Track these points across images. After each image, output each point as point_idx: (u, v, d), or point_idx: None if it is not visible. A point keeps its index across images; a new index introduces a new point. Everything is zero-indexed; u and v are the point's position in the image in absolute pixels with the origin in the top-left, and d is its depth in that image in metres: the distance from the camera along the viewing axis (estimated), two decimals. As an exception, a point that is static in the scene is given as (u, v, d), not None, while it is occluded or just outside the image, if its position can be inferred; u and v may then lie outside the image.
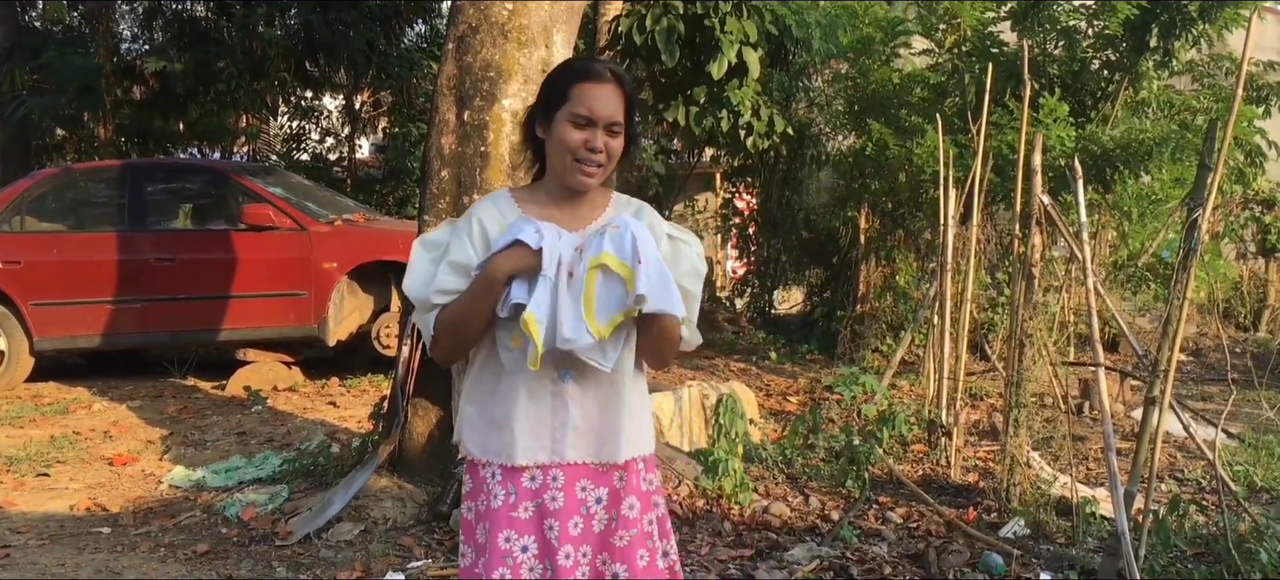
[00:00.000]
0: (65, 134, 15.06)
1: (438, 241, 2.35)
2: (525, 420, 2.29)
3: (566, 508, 2.30)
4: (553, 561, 2.29)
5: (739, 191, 13.75)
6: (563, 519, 2.30)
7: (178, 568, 4.63)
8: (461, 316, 2.27)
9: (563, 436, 2.30)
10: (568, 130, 2.28)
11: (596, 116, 2.27)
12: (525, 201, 2.38)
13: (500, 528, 2.30)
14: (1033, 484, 5.34)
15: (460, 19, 5.38)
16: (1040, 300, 5.32)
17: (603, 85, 2.29)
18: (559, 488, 2.31)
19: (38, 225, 9.12)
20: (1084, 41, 10.07)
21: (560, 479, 2.31)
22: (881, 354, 9.61)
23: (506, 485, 2.31)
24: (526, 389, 2.28)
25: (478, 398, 2.37)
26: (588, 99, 2.27)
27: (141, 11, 15.64)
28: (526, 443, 2.29)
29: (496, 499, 2.31)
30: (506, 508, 2.30)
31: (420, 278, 2.33)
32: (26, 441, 6.91)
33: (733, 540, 4.86)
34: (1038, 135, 5.25)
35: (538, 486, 2.31)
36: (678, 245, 2.40)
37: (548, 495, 2.31)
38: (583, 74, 2.32)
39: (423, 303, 2.32)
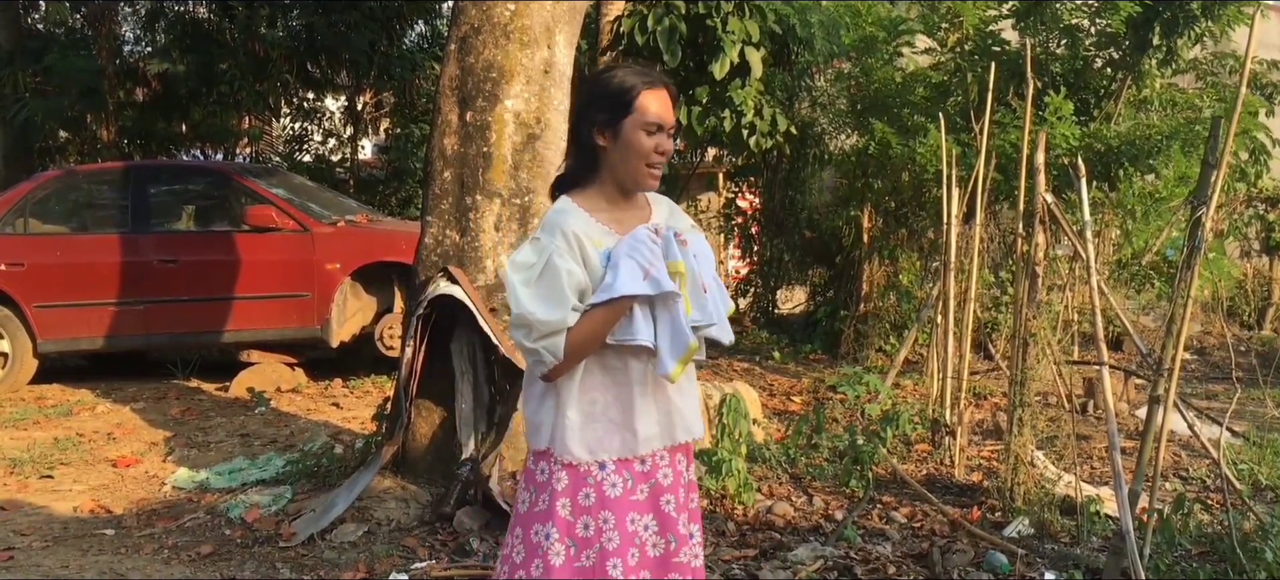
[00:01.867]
0: (68, 136, 15.07)
1: (527, 262, 2.41)
2: (646, 416, 2.48)
3: (674, 482, 2.54)
4: (675, 532, 2.51)
5: (742, 191, 13.75)
6: (674, 492, 2.53)
7: (181, 569, 4.63)
8: (591, 339, 2.39)
9: (671, 422, 2.52)
10: (640, 137, 2.45)
11: (665, 123, 2.47)
12: (592, 208, 2.50)
13: (625, 512, 2.46)
14: (1037, 483, 5.33)
15: (463, 20, 5.38)
16: (1044, 299, 5.31)
17: (665, 92, 2.50)
18: (667, 466, 2.53)
19: (41, 227, 9.13)
20: (1086, 40, 10.06)
21: (666, 457, 2.53)
22: (885, 353, 9.61)
23: (622, 474, 2.48)
24: (642, 388, 2.47)
25: (587, 404, 2.47)
26: (658, 107, 2.46)
27: (144, 13, 15.66)
28: (648, 433, 2.48)
29: (615, 488, 2.47)
30: (627, 493, 2.47)
31: (553, 298, 2.36)
32: (30, 443, 6.91)
33: (736, 540, 4.85)
34: (1041, 133, 5.23)
35: (648, 469, 2.51)
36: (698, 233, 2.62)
37: (660, 473, 2.52)
38: (649, 83, 2.48)
39: (557, 324, 2.35)
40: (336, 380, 8.81)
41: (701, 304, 2.46)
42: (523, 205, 5.34)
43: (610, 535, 2.44)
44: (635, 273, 2.35)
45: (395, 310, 8.80)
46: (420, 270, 5.46)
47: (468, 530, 4.84)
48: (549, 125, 5.38)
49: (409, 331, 5.26)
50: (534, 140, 5.34)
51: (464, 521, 4.87)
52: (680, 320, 2.41)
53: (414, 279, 5.54)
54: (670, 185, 13.58)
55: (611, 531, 2.44)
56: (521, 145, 5.33)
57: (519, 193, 5.32)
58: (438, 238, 5.39)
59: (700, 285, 2.46)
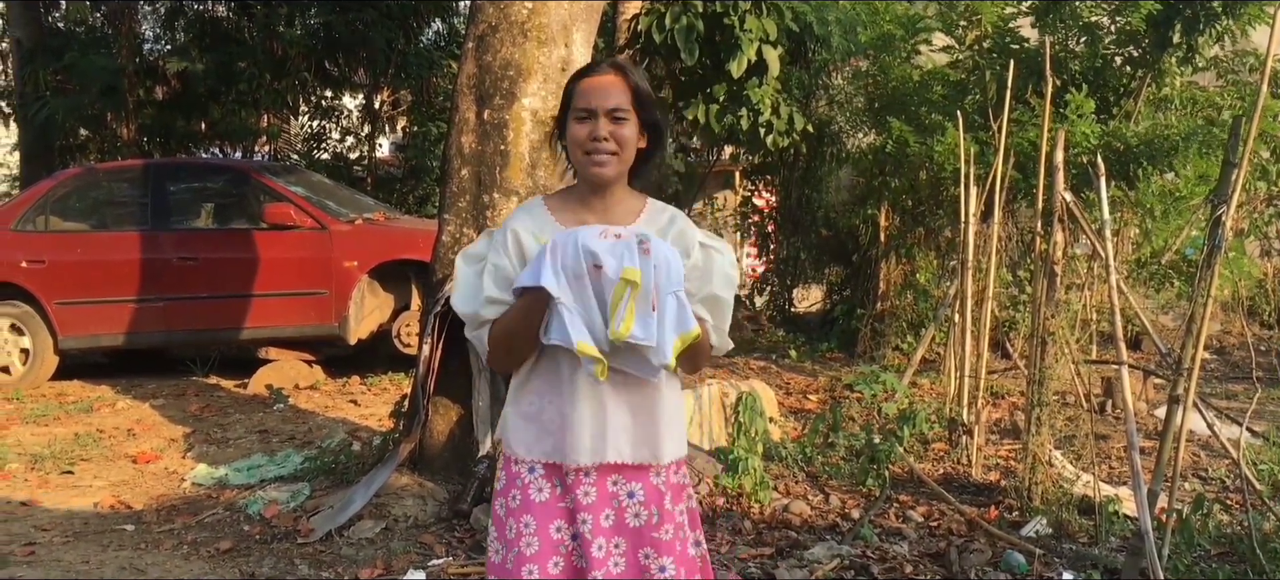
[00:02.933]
0: (88, 134, 15.13)
1: (478, 254, 2.42)
2: (577, 424, 2.34)
3: (598, 501, 2.36)
4: (587, 553, 2.35)
5: (758, 189, 13.73)
6: (595, 513, 2.35)
7: (201, 565, 4.66)
8: (510, 335, 2.34)
9: (605, 438, 2.34)
10: (573, 127, 2.38)
11: (594, 106, 2.34)
12: (558, 209, 2.44)
13: (550, 518, 2.36)
14: (1055, 483, 5.31)
15: (480, 18, 5.39)
16: (1062, 298, 5.29)
17: (599, 77, 2.38)
18: (592, 483, 2.36)
19: (61, 225, 9.19)
20: (1106, 37, 10.00)
21: (593, 475, 2.36)
22: (902, 352, 9.58)
23: (551, 479, 2.38)
24: (575, 393, 2.34)
25: (526, 401, 2.42)
26: (586, 93, 2.36)
27: (163, 12, 15.72)
28: (577, 444, 2.34)
29: (543, 493, 2.37)
30: (554, 500, 2.37)
31: (467, 293, 2.40)
32: (51, 439, 6.96)
33: (753, 538, 4.85)
34: (1060, 132, 5.21)
35: (572, 483, 2.36)
36: (710, 254, 2.44)
37: (581, 490, 2.35)
38: (581, 73, 2.43)
39: (473, 318, 2.38)
40: (354, 377, 8.84)
41: (644, 319, 2.23)
42: (540, 203, 5.35)
43: (530, 540, 2.36)
44: (541, 267, 2.24)
45: (412, 308, 8.83)
46: (437, 268, 5.48)
47: (484, 527, 4.86)
48: (566, 123, 5.39)
49: (426, 329, 5.28)
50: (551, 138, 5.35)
51: (481, 518, 4.89)
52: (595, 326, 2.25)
53: (431, 277, 5.56)
54: (688, 184, 13.60)
55: (531, 536, 2.36)
56: (539, 143, 5.34)
57: (536, 190, 5.33)
58: (455, 235, 5.41)
59: (650, 300, 2.23)
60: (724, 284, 2.44)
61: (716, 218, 15.64)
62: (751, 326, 12.32)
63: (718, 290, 2.42)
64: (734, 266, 2.49)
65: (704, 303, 2.40)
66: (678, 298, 2.28)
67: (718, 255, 2.45)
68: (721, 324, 2.46)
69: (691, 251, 2.41)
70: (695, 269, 2.39)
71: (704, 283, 2.41)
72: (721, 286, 2.43)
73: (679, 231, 2.44)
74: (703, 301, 2.40)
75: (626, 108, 2.36)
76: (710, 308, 2.42)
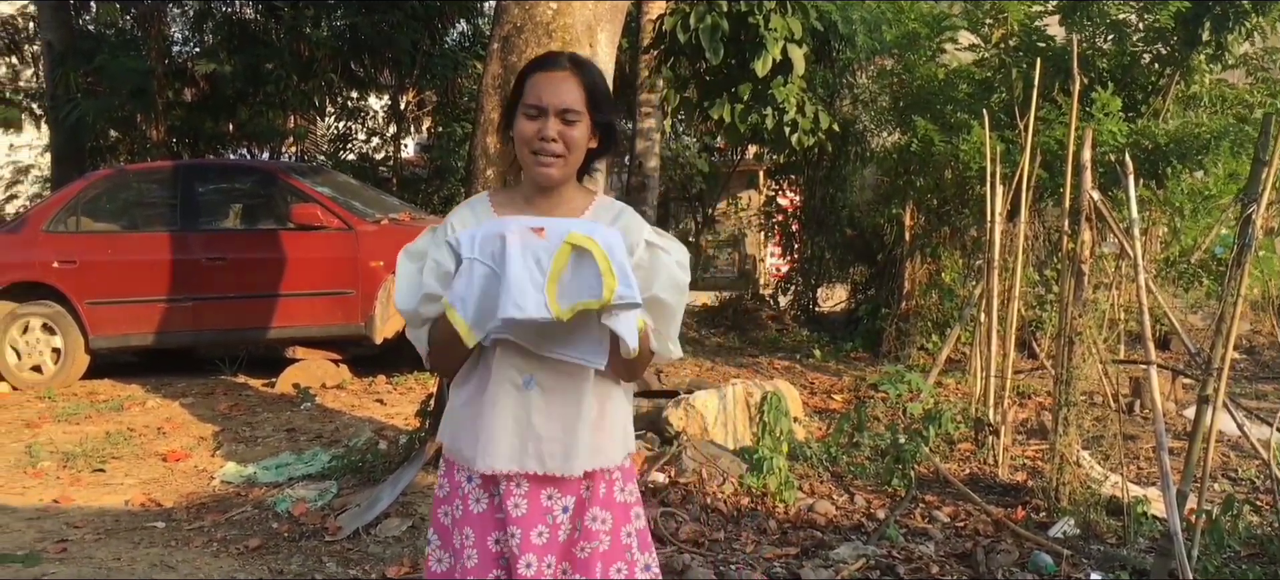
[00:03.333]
0: (118, 135, 15.28)
1: (420, 251, 2.31)
2: (492, 427, 2.23)
3: (529, 515, 2.25)
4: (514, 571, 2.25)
5: (782, 189, 13.73)
6: (525, 527, 2.25)
7: (230, 562, 4.70)
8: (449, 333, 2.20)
9: (525, 446, 2.23)
10: (521, 123, 2.26)
11: (546, 105, 2.23)
12: (501, 204, 2.34)
13: (488, 530, 2.29)
14: (1083, 483, 5.28)
15: (505, 19, 5.42)
16: (1090, 297, 5.26)
17: (553, 73, 2.27)
18: (522, 495, 2.26)
19: (92, 225, 9.27)
20: (1134, 35, 9.94)
21: (524, 485, 2.25)
22: (927, 352, 9.55)
23: (488, 489, 2.29)
24: (495, 395, 2.23)
25: (457, 400, 2.33)
26: (537, 89, 2.25)
27: (192, 14, 15.86)
28: (491, 449, 2.23)
29: (480, 504, 2.30)
30: (490, 511, 2.29)
31: (406, 290, 2.29)
32: (83, 437, 7.03)
33: (778, 538, 4.85)
34: (1087, 130, 5.19)
35: (503, 492, 2.27)
36: (656, 253, 2.29)
37: (511, 502, 2.26)
38: (534, 66, 2.31)
39: (413, 317, 2.29)
40: (380, 376, 8.89)
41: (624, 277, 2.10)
42: (565, 203, 5.36)
43: (469, 552, 2.29)
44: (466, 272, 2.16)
45: (438, 307, 8.85)
46: (464, 268, 5.50)
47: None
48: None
49: (452, 329, 5.30)
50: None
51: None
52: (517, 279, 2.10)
53: (457, 277, 5.57)
54: (712, 183, 13.60)
55: (470, 549, 2.29)
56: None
57: (561, 191, 5.34)
58: (481, 236, 5.42)
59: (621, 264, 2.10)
60: (669, 287, 2.28)
61: (740, 217, 15.65)
62: (775, 326, 12.32)
63: (661, 294, 2.27)
64: (684, 267, 2.33)
65: (646, 306, 2.23)
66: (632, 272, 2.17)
67: (665, 255, 2.29)
68: (665, 330, 2.31)
69: (636, 249, 2.26)
70: (639, 269, 2.22)
71: (647, 284, 2.23)
72: (666, 290, 2.28)
73: (625, 225, 2.28)
74: (645, 305, 2.22)
75: (579, 109, 2.25)
76: (652, 312, 2.27)
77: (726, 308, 13.14)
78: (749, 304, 13.34)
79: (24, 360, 8.87)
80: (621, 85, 10.28)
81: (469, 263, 2.16)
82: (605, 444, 2.30)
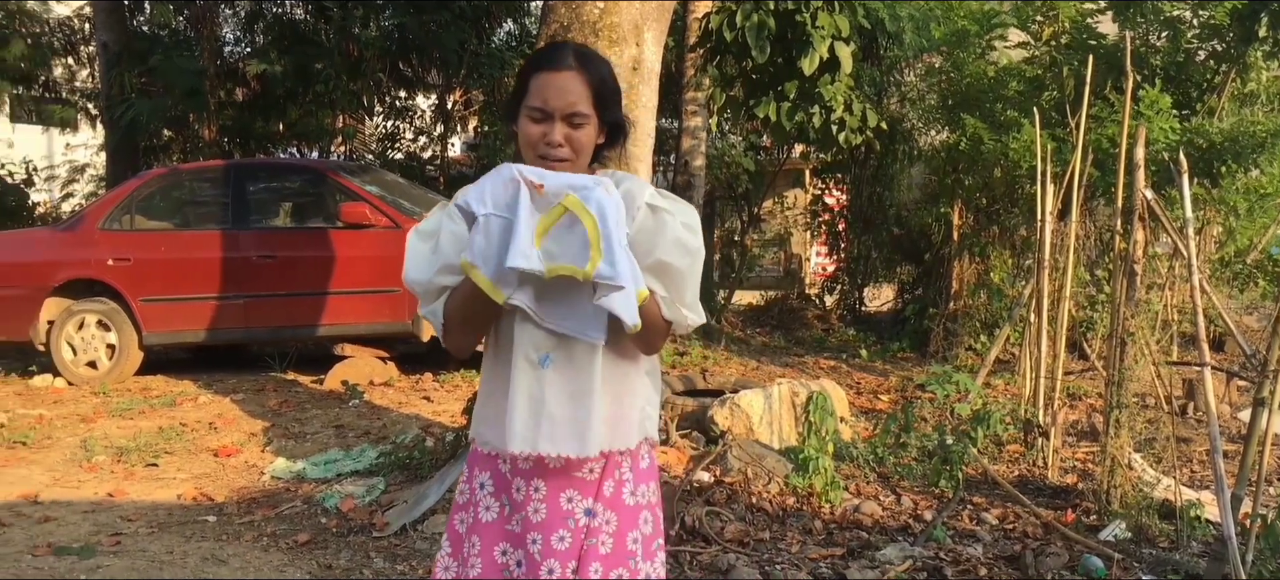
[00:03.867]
0: (172, 135, 15.51)
1: (431, 230, 2.22)
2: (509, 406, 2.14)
3: (549, 520, 2.18)
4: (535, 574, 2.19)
5: (829, 188, 13.67)
6: (546, 532, 2.18)
7: (279, 556, 4.76)
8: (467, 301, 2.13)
9: (538, 425, 2.12)
10: (526, 125, 2.17)
11: (551, 108, 2.14)
12: None
13: (495, 540, 2.24)
14: (1134, 486, 5.21)
15: (552, 18, 5.43)
16: (1143, 298, 5.18)
17: (559, 74, 2.15)
18: (541, 499, 2.19)
19: (146, 223, 9.42)
20: (1188, 32, 9.78)
21: (542, 489, 2.19)
22: (975, 352, 9.47)
23: (500, 497, 2.24)
24: (514, 373, 2.13)
25: (483, 386, 2.29)
26: (542, 90, 2.15)
27: (244, 15, 16.07)
28: (515, 429, 2.13)
29: (490, 512, 2.25)
30: (501, 520, 2.24)
31: (419, 262, 2.20)
32: (136, 432, 7.15)
33: (823, 539, 4.83)
34: (1140, 128, 5.11)
35: (522, 498, 2.21)
36: (660, 215, 2.16)
37: (531, 507, 2.19)
38: (538, 63, 2.19)
39: (427, 287, 2.18)
40: (427, 374, 8.96)
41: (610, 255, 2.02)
42: (611, 202, 5.37)
43: (474, 562, 2.23)
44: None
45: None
46: (510, 266, 5.52)
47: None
48: (637, 123, 5.40)
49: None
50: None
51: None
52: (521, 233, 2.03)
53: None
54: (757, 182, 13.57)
55: (475, 558, 2.23)
56: (609, 142, 5.36)
57: (607, 190, 5.35)
58: (527, 234, 5.44)
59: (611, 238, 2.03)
60: (675, 249, 2.14)
61: (787, 216, 15.59)
62: (821, 325, 12.26)
63: (666, 257, 2.13)
64: (692, 229, 2.18)
65: (651, 271, 2.12)
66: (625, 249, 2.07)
67: (669, 216, 2.16)
68: (677, 295, 2.16)
69: (638, 212, 2.14)
70: (641, 233, 2.12)
71: (651, 248, 2.12)
72: (671, 252, 2.14)
73: (627, 190, 2.16)
74: (650, 269, 2.12)
75: (586, 111, 2.15)
76: (659, 276, 2.14)
77: (772, 307, 13.11)
78: (795, 303, 13.30)
79: (80, 356, 9.03)
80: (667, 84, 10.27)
81: (484, 218, 2.08)
82: (619, 425, 2.20)
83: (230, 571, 4.56)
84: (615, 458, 2.23)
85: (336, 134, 16.66)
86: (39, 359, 9.31)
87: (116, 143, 14.32)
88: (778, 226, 15.79)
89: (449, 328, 2.19)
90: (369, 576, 4.53)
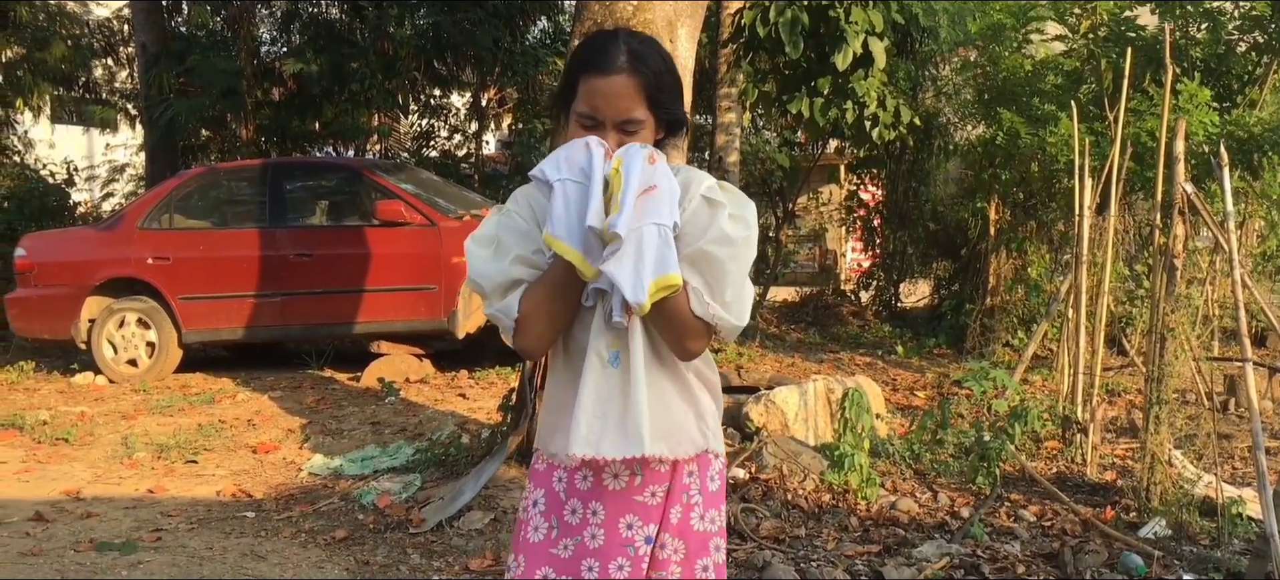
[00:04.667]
0: (210, 134, 15.65)
1: (489, 236, 2.11)
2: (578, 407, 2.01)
3: (607, 546, 2.07)
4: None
5: (864, 183, 13.61)
6: (604, 558, 2.06)
7: (317, 552, 4.80)
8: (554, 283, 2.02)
9: (605, 425, 2.00)
10: (576, 129, 2.06)
11: (602, 117, 2.03)
12: None
13: (538, 563, 2.12)
14: (1175, 483, 5.15)
15: (586, 15, 5.44)
16: (1183, 292, 5.12)
17: (611, 78, 2.02)
18: (599, 524, 2.08)
19: (185, 222, 9.52)
20: (1228, 23, 9.66)
21: (600, 513, 2.08)
22: (1012, 348, 9.39)
23: (549, 518, 2.13)
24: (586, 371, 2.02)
25: (551, 398, 2.17)
26: (592, 96, 2.03)
27: (280, 15, 16.20)
28: (579, 430, 2.00)
29: (538, 532, 2.13)
30: (547, 543, 2.12)
31: (487, 260, 2.08)
32: (176, 429, 7.24)
33: (859, 536, 4.81)
34: (1180, 121, 5.06)
35: (578, 522, 2.09)
36: (714, 207, 2.03)
37: (587, 532, 2.08)
38: (589, 65, 2.05)
39: (500, 279, 2.05)
40: (463, 371, 8.99)
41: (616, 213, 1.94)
42: (645, 199, 5.36)
43: None
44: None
45: (519, 303, 8.91)
46: (544, 263, 5.53)
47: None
48: (671, 119, 5.40)
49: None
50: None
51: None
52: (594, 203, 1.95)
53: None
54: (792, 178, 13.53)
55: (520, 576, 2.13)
56: (644, 139, 5.36)
57: (641, 186, 5.35)
58: (561, 231, 5.46)
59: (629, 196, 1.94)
60: (719, 241, 2.00)
61: (821, 212, 15.54)
62: (857, 322, 12.21)
63: (709, 247, 2.00)
64: (745, 224, 2.04)
65: (689, 260, 2.00)
66: (660, 230, 1.96)
67: (722, 208, 2.03)
68: (714, 289, 2.01)
69: (692, 201, 2.03)
70: (690, 221, 2.01)
71: (695, 236, 2.01)
72: (716, 243, 2.00)
73: (685, 178, 2.07)
74: (688, 259, 2.00)
75: (640, 116, 2.03)
76: (697, 265, 2.00)
77: (807, 303, 13.06)
78: (830, 299, 13.25)
79: (120, 354, 9.14)
80: (701, 80, 10.26)
81: (560, 184, 1.98)
82: (673, 430, 2.07)
83: (269, 567, 4.61)
84: (682, 481, 2.12)
85: (372, 132, 16.76)
86: (80, 357, 9.44)
87: (155, 142, 14.48)
88: (812, 222, 15.74)
89: (526, 322, 2.04)
90: (405, 573, 4.56)
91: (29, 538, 4.99)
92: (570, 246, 1.95)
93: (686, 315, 2.01)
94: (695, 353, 2.09)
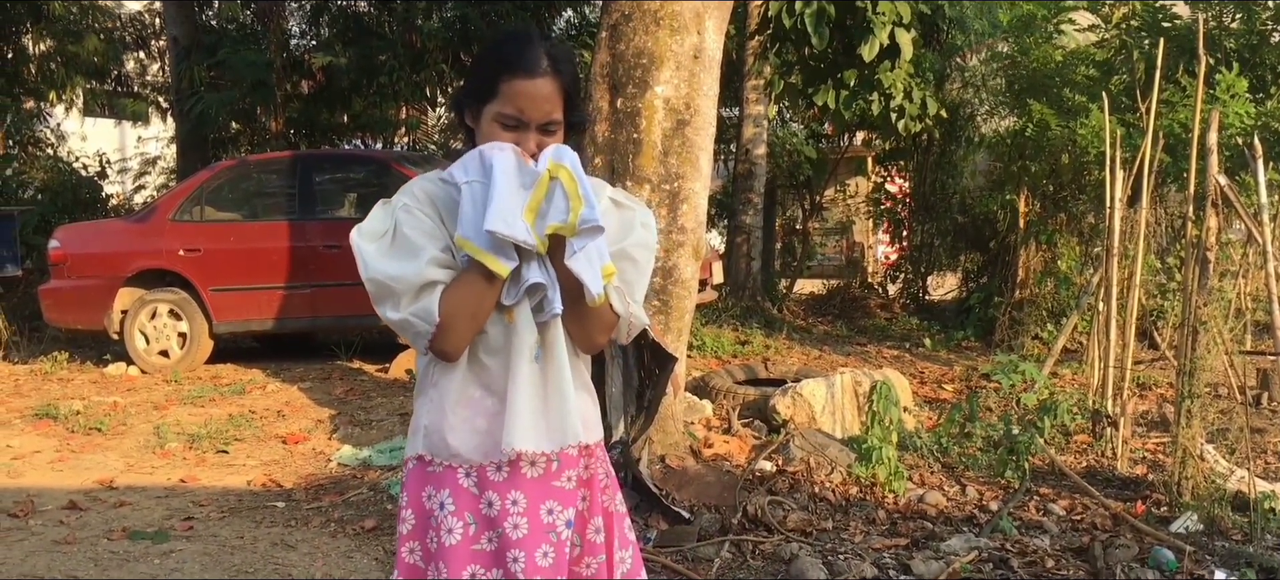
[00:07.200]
0: (240, 127, 15.78)
1: (378, 230, 2.10)
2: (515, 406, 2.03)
3: (531, 536, 2.06)
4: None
5: (891, 175, 13.55)
6: (529, 549, 2.05)
7: (346, 542, 4.84)
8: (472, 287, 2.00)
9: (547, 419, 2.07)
10: (494, 129, 2.05)
11: (528, 118, 2.04)
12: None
13: (463, 563, 2.06)
14: (1207, 477, 5.10)
15: (614, 7, 5.44)
16: (1215, 285, 5.07)
17: (536, 81, 2.03)
18: (521, 513, 2.06)
19: (216, 214, 9.59)
20: (1264, 12, 9.55)
21: (521, 502, 2.07)
22: (1041, 341, 9.34)
23: (462, 517, 2.07)
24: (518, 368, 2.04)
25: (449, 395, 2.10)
26: (516, 98, 2.02)
27: (309, 9, 16.29)
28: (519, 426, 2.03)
29: (453, 535, 2.07)
30: (467, 541, 2.07)
31: (394, 259, 2.05)
32: (207, 420, 7.30)
33: (887, 529, 4.80)
34: (1214, 112, 5.00)
35: (497, 513, 2.07)
36: (625, 212, 2.16)
37: (509, 523, 2.06)
38: (514, 66, 2.03)
39: (415, 280, 2.01)
40: (489, 362, 9.01)
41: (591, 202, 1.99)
42: (672, 191, 5.37)
43: None
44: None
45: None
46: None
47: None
48: (698, 111, 5.40)
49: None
50: (683, 126, 5.36)
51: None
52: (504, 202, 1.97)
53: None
54: (819, 170, 13.49)
55: None
56: (671, 131, 5.36)
57: (668, 178, 5.36)
58: (589, 223, 5.46)
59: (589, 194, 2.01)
60: (639, 245, 2.14)
61: (848, 204, 15.49)
62: (884, 314, 12.17)
63: (632, 250, 2.13)
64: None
65: (615, 261, 2.09)
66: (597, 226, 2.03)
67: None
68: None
69: (602, 202, 2.12)
70: (609, 222, 2.10)
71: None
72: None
73: (591, 178, 2.11)
74: (614, 258, 2.09)
75: (559, 117, 2.07)
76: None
77: (834, 296, 13.04)
78: (857, 292, 13.22)
79: (152, 345, 9.22)
80: (729, 72, 10.23)
81: (466, 186, 2.00)
82: (587, 417, 2.15)
83: (299, 557, 4.64)
84: (592, 465, 2.18)
85: (400, 125, 16.84)
86: (113, 347, 9.54)
87: (186, 135, 14.61)
88: (840, 214, 15.69)
89: (450, 325, 2.00)
90: (434, 562, 4.58)
91: (63, 526, 5.06)
92: (481, 247, 1.97)
93: (607, 310, 2.09)
94: (600, 346, 2.20)
